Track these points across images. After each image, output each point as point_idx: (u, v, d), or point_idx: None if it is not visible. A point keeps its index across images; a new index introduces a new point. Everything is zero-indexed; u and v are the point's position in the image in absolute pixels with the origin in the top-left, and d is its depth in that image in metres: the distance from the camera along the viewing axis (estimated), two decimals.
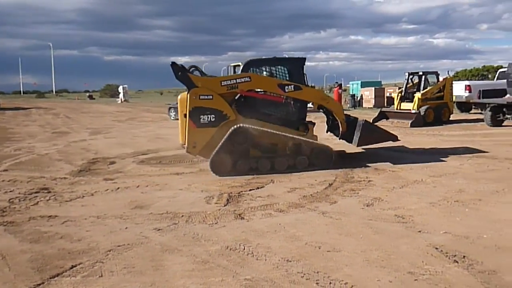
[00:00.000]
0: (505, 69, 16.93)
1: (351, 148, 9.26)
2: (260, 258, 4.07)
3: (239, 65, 32.49)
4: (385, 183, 6.88)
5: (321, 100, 8.69)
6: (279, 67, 8.57)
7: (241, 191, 6.58)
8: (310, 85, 10.11)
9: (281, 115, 8.46)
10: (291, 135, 8.12)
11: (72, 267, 3.91)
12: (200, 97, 7.82)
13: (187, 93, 7.90)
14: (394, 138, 9.00)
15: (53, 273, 3.80)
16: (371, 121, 9.01)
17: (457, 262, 3.88)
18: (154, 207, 5.84)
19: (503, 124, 14.46)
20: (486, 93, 15.16)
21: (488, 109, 14.64)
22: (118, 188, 7.01)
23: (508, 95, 14.52)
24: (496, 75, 21.23)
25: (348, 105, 27.22)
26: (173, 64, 7.97)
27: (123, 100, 45.03)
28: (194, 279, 3.66)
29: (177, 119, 20.54)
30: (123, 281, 3.63)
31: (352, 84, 32.97)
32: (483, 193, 6.17)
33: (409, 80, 18.16)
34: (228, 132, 7.68)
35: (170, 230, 4.91)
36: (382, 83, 42.27)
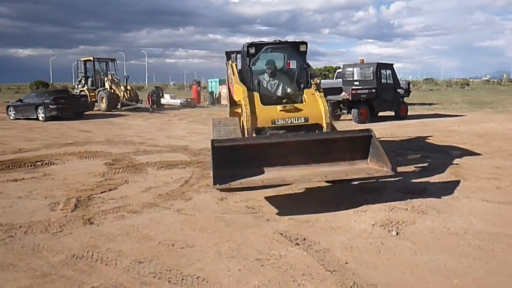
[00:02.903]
0: (341, 70, 19.12)
1: None
2: (110, 263, 3.90)
3: (90, 60, 30.00)
4: None
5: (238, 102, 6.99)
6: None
7: (92, 195, 6.18)
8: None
9: None
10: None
11: None
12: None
13: None
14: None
15: None
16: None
17: (298, 244, 4.28)
18: None
19: (340, 119, 16.38)
20: (326, 91, 16.85)
21: (328, 105, 16.40)
22: None
23: (343, 93, 16.44)
24: (335, 75, 23.94)
25: (207, 102, 27.63)
26: (227, 52, 8.48)
27: None
28: None
29: (18, 118, 18.44)
30: None
31: (211, 82, 32.22)
32: None
33: None
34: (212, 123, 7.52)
35: (4, 244, 4.36)
36: None
